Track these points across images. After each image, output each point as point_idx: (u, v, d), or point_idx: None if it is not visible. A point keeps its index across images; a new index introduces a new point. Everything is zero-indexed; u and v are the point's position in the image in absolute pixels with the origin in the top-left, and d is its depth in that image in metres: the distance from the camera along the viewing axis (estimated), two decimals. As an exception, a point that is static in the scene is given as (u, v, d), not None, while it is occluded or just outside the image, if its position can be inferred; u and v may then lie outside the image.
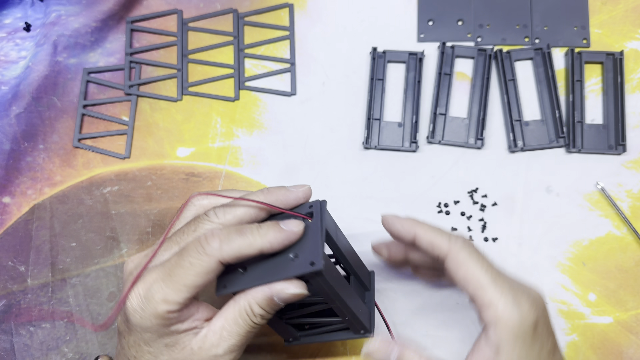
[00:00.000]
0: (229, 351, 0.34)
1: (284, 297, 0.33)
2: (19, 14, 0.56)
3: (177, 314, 0.33)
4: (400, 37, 0.56)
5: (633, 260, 0.50)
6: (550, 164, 0.53)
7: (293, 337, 0.40)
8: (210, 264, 0.33)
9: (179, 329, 0.34)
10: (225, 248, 0.33)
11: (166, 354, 0.34)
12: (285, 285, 0.33)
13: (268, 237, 0.33)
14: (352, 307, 0.36)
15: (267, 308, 0.34)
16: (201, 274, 0.33)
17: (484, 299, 0.34)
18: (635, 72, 0.55)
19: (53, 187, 0.52)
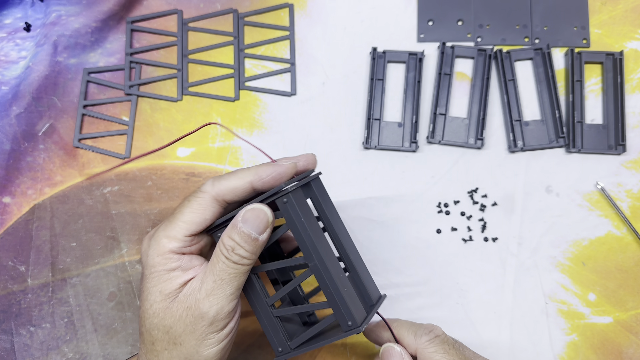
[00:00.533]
0: (208, 294, 0.34)
1: (248, 219, 0.34)
2: (19, 14, 0.56)
3: (180, 256, 0.35)
4: (400, 37, 0.56)
5: (633, 260, 0.50)
6: (550, 164, 0.53)
7: (283, 347, 0.38)
8: (204, 200, 0.35)
9: (179, 278, 0.35)
10: (217, 184, 0.35)
11: (160, 301, 0.35)
12: (246, 206, 0.34)
13: (258, 170, 0.35)
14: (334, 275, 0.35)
15: (237, 237, 0.34)
16: (197, 210, 0.35)
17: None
18: (635, 72, 0.55)
19: (53, 187, 0.52)
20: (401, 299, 0.49)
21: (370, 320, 0.38)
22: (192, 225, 0.35)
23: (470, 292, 0.50)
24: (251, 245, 0.34)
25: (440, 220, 0.52)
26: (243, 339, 0.49)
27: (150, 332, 0.36)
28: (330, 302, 0.35)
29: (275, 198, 0.34)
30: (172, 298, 0.35)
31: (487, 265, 0.50)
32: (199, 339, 0.35)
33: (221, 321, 0.35)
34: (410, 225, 0.52)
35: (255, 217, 0.34)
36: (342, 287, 0.35)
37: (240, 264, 0.34)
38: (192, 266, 0.36)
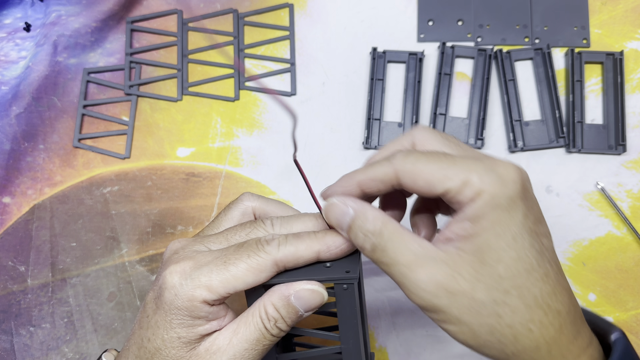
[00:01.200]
0: (233, 358, 0.31)
1: (303, 297, 0.31)
2: (19, 14, 0.56)
3: (210, 307, 0.31)
4: (400, 37, 0.56)
5: (633, 260, 0.50)
6: (550, 164, 0.53)
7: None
8: (265, 262, 0.31)
9: (201, 327, 0.32)
10: (283, 249, 0.31)
11: (177, 347, 0.32)
12: (304, 284, 0.31)
13: (326, 240, 0.32)
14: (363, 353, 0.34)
15: (283, 311, 0.31)
16: (254, 270, 0.31)
17: (452, 186, 0.28)
18: (635, 72, 0.55)
19: (53, 187, 0.52)
20: (401, 299, 0.49)
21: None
22: (242, 284, 0.31)
23: (470, 292, 0.50)
24: (294, 321, 0.32)
25: (440, 220, 0.52)
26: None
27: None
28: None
29: (335, 281, 0.32)
30: (190, 348, 0.32)
31: (487, 266, 0.50)
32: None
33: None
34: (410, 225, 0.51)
35: (312, 298, 0.31)
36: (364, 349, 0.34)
37: (277, 336, 0.32)
38: (217, 317, 0.32)
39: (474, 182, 0.27)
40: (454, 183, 0.28)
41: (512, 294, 0.27)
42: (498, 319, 0.28)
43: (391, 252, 0.29)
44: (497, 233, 0.27)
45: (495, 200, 0.27)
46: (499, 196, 0.27)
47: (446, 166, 0.28)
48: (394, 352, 0.49)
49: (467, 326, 0.28)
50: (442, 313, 0.28)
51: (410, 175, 0.29)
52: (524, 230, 0.28)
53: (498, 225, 0.27)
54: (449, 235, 0.29)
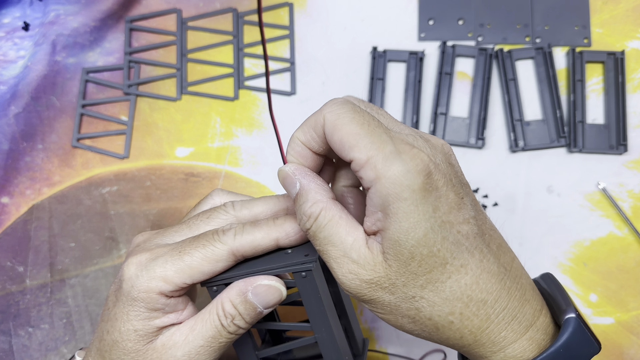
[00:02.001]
0: (189, 354, 0.31)
1: (260, 293, 0.31)
2: (17, 14, 0.56)
3: (167, 299, 0.31)
4: (401, 37, 0.56)
5: (634, 260, 0.50)
6: (551, 164, 0.52)
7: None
8: (221, 252, 0.31)
9: (158, 319, 0.31)
10: (239, 239, 0.31)
11: (133, 340, 0.31)
12: (262, 279, 0.31)
13: (284, 227, 0.31)
14: (338, 340, 0.33)
15: (241, 307, 0.31)
16: (210, 260, 0.31)
17: (360, 158, 0.27)
18: (637, 72, 0.54)
19: (52, 187, 0.52)
20: (401, 299, 0.49)
21: None
22: (199, 274, 0.31)
23: (471, 292, 0.50)
24: (253, 318, 0.31)
25: (441, 221, 0.51)
26: None
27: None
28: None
29: (293, 270, 0.31)
30: (147, 341, 0.31)
31: (488, 266, 0.50)
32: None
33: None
34: (410, 225, 0.51)
35: (269, 294, 0.31)
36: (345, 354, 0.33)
37: (235, 334, 0.31)
38: (175, 310, 0.32)
39: (376, 163, 0.26)
40: (359, 154, 0.27)
41: (427, 288, 0.27)
42: (417, 312, 0.28)
43: (323, 240, 0.29)
44: (406, 229, 0.26)
45: (396, 191, 0.26)
46: (400, 187, 0.26)
47: (363, 133, 0.27)
48: (395, 353, 0.48)
49: (393, 316, 0.29)
50: (370, 303, 0.29)
51: (331, 127, 0.28)
52: (435, 224, 0.27)
53: (405, 220, 0.26)
54: (370, 225, 0.28)
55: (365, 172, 0.27)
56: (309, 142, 0.31)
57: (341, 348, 0.33)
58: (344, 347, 0.34)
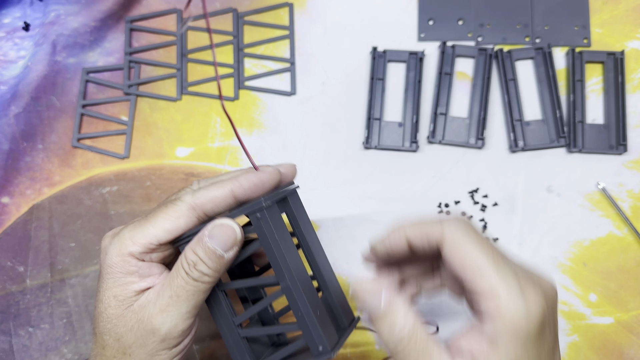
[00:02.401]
0: (162, 310, 0.32)
1: (215, 234, 0.32)
2: (18, 14, 0.56)
3: (139, 262, 0.33)
4: (401, 37, 0.56)
5: (634, 260, 0.50)
6: (551, 164, 0.52)
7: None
8: (181, 208, 0.33)
9: (135, 284, 0.33)
10: (197, 194, 0.33)
11: (114, 307, 0.33)
12: (215, 221, 0.32)
13: (239, 178, 0.33)
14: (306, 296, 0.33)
15: (200, 252, 0.32)
16: (171, 217, 0.33)
17: (483, 287, 0.28)
18: (636, 72, 0.54)
19: (52, 187, 0.52)
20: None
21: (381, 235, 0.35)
22: (162, 232, 0.33)
23: (470, 292, 0.50)
24: (215, 263, 0.32)
25: (441, 221, 0.51)
26: None
27: (102, 336, 0.34)
28: (300, 325, 0.33)
29: (247, 212, 0.32)
30: (127, 306, 0.33)
31: (487, 266, 0.50)
32: (149, 353, 0.33)
33: (174, 339, 0.33)
34: (410, 225, 0.51)
35: (223, 233, 0.32)
36: (314, 309, 0.33)
37: (200, 281, 0.32)
38: (150, 274, 0.33)
39: (501, 300, 0.28)
40: (484, 285, 0.28)
41: None
42: None
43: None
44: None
45: (517, 330, 0.27)
46: (519, 328, 0.27)
47: (489, 263, 0.28)
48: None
49: None
50: None
51: (456, 250, 0.30)
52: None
53: (515, 358, 0.27)
54: (466, 347, 0.29)
55: (487, 304, 0.28)
56: (413, 242, 0.32)
57: (308, 298, 0.32)
58: (312, 299, 0.33)
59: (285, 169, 0.36)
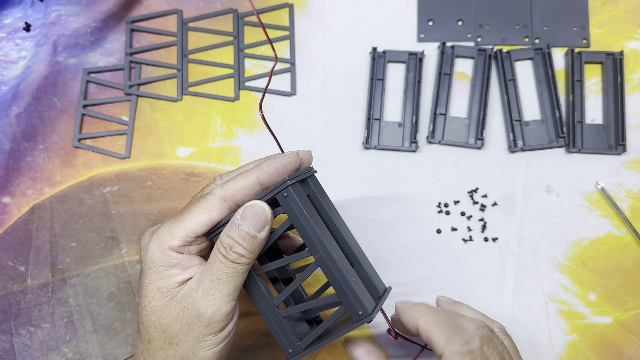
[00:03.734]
0: (205, 294, 0.34)
1: (247, 216, 0.34)
2: (19, 14, 0.56)
3: (178, 255, 0.35)
4: (400, 37, 0.56)
5: (633, 260, 0.50)
6: (550, 164, 0.53)
7: (294, 348, 0.37)
8: (212, 201, 0.35)
9: (177, 276, 0.35)
10: (225, 186, 0.35)
11: (158, 299, 0.35)
12: (245, 205, 0.34)
13: (262, 166, 0.35)
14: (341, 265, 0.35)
15: (235, 235, 0.34)
16: (204, 210, 0.35)
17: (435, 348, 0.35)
18: (635, 72, 0.55)
19: (53, 187, 0.52)
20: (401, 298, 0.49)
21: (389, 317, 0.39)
22: (198, 225, 0.35)
23: (470, 292, 0.50)
24: (250, 244, 0.34)
25: (441, 220, 0.52)
26: (243, 340, 0.49)
27: (147, 330, 0.35)
28: (339, 294, 0.35)
29: (275, 193, 0.34)
30: (170, 297, 0.35)
31: (487, 266, 0.50)
32: (195, 340, 0.34)
33: (218, 323, 0.34)
34: (410, 225, 0.51)
35: (254, 214, 0.34)
36: (349, 277, 0.35)
37: (238, 262, 0.34)
38: (191, 265, 0.35)
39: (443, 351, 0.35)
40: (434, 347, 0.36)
41: None
42: None
43: None
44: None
45: None
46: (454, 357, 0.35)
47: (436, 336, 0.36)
48: (395, 354, 0.49)
49: None
50: None
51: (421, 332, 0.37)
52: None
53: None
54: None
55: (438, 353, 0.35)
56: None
57: (342, 266, 0.34)
58: (346, 268, 0.35)
59: (302, 155, 0.37)
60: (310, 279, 0.50)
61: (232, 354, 0.49)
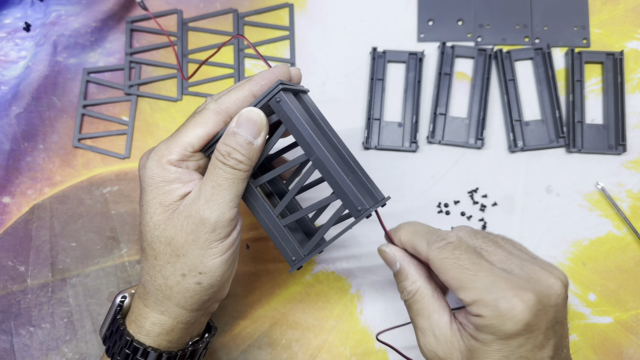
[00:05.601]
0: (208, 200, 0.34)
1: (242, 122, 0.34)
2: (18, 14, 0.56)
3: (177, 168, 0.35)
4: (400, 37, 0.56)
5: (633, 260, 0.50)
6: (550, 164, 0.53)
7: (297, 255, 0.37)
8: (207, 113, 0.35)
9: (178, 190, 0.35)
10: (218, 99, 0.35)
11: (159, 213, 0.35)
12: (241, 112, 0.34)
13: (254, 78, 0.35)
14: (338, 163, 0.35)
15: (232, 142, 0.34)
16: (199, 124, 0.35)
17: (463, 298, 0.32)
18: (635, 72, 0.55)
19: (53, 187, 0.52)
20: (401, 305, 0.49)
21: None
22: (194, 138, 0.35)
23: (470, 292, 0.50)
24: (247, 150, 0.34)
25: (441, 220, 0.52)
26: (243, 340, 0.49)
27: (152, 246, 0.35)
28: (337, 192, 0.35)
29: (268, 99, 0.34)
30: (173, 210, 0.35)
31: (487, 266, 0.50)
32: (202, 247, 0.34)
33: (223, 228, 0.34)
34: (410, 225, 0.51)
35: (249, 119, 0.34)
36: (347, 175, 0.35)
37: (237, 168, 0.34)
38: (191, 179, 0.35)
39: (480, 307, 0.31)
40: (466, 297, 0.32)
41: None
42: None
43: (415, 311, 0.36)
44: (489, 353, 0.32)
45: (493, 330, 0.31)
46: (496, 329, 0.31)
47: (465, 278, 0.33)
48: (394, 354, 0.49)
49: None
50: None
51: (437, 268, 0.34)
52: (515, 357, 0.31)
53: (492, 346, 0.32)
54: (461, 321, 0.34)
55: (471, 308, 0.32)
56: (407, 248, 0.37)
57: (339, 165, 0.35)
58: (342, 167, 0.35)
59: (293, 69, 0.38)
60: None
61: (232, 354, 0.49)
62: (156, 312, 0.36)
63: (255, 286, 0.50)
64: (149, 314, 0.36)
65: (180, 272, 0.35)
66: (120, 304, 0.39)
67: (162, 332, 0.36)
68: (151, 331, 0.36)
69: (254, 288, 0.50)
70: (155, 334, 0.36)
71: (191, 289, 0.35)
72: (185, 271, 0.35)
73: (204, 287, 0.35)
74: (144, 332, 0.36)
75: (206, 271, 0.35)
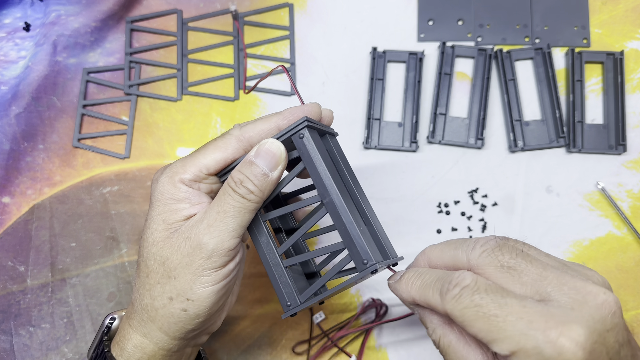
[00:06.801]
0: (209, 225, 0.33)
1: (260, 153, 0.33)
2: (18, 14, 0.56)
3: (188, 188, 0.34)
4: (401, 37, 0.56)
5: (633, 260, 0.50)
6: (550, 164, 0.53)
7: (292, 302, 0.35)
8: (229, 139, 0.34)
9: (185, 210, 0.34)
10: (244, 127, 0.35)
11: (161, 230, 0.34)
12: (262, 142, 0.34)
13: (283, 112, 0.35)
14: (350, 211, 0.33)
15: (247, 171, 0.33)
16: (219, 148, 0.34)
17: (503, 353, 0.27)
18: (636, 72, 0.55)
19: (53, 187, 0.52)
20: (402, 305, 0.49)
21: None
22: (211, 161, 0.34)
23: (470, 292, 0.50)
24: (260, 181, 0.33)
25: (441, 221, 0.52)
26: (243, 340, 0.49)
27: (146, 263, 0.34)
28: (344, 240, 0.33)
29: (292, 134, 0.33)
30: (175, 229, 0.34)
31: (487, 266, 0.50)
32: (194, 273, 0.33)
33: (220, 257, 0.33)
34: (410, 225, 0.51)
35: (268, 151, 0.33)
36: (358, 225, 0.33)
37: (246, 198, 0.33)
38: (200, 201, 0.34)
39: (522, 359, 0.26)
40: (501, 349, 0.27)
41: None
42: None
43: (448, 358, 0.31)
44: None
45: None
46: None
47: (494, 328, 0.27)
48: (394, 353, 0.49)
49: None
50: None
51: (460, 322, 0.29)
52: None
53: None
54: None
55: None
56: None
57: (351, 213, 0.33)
58: (355, 216, 0.33)
59: (324, 110, 0.37)
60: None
61: (232, 354, 0.49)
62: (139, 334, 0.35)
63: (255, 286, 0.50)
64: (131, 335, 0.35)
65: (168, 295, 0.34)
66: (108, 325, 0.38)
67: (142, 358, 0.35)
68: (132, 355, 0.35)
69: (254, 288, 0.50)
70: (136, 358, 0.35)
71: (176, 315, 0.34)
72: (173, 295, 0.33)
73: (189, 316, 0.34)
74: (125, 356, 0.35)
75: (194, 299, 0.33)
